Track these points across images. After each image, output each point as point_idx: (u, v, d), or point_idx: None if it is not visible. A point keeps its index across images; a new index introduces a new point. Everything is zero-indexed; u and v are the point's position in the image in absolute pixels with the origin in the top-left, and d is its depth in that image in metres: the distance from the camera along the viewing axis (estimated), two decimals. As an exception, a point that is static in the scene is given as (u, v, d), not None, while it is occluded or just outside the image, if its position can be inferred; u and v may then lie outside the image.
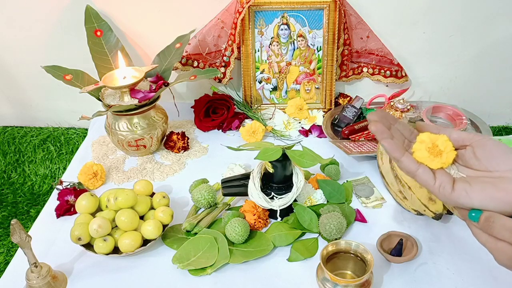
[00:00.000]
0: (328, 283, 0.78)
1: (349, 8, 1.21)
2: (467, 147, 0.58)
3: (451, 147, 0.58)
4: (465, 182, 0.55)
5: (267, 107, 1.30)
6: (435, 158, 0.57)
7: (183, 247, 0.88)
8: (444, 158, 0.57)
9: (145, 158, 1.16)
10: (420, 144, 0.57)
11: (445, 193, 0.55)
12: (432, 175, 0.56)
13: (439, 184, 0.55)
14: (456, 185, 0.55)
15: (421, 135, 0.58)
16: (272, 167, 0.90)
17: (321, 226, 0.90)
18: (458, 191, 0.55)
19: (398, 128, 0.60)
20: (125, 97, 1.09)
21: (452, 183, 0.55)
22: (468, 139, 0.58)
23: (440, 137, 0.58)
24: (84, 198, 0.92)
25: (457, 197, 0.55)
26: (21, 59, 1.35)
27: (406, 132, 0.60)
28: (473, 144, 0.57)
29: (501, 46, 1.27)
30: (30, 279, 0.80)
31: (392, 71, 1.29)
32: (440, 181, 0.56)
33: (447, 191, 0.55)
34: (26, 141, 1.45)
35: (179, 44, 1.15)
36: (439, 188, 0.55)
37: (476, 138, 0.57)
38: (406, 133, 0.60)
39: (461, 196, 0.54)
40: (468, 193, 0.54)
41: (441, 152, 0.57)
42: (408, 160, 0.57)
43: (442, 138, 0.58)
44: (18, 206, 1.37)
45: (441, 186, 0.55)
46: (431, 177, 0.56)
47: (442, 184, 0.55)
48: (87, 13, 1.18)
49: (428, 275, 0.84)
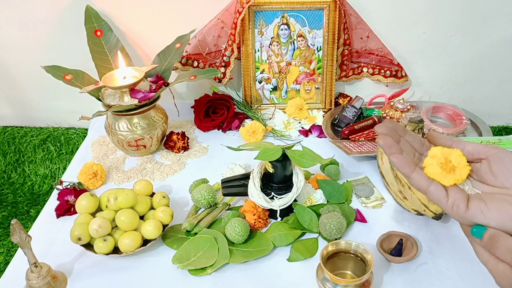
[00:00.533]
0: (328, 283, 0.78)
1: (349, 8, 1.21)
2: (483, 160, 0.54)
3: (465, 162, 0.54)
4: (480, 200, 0.52)
5: (267, 107, 1.30)
6: (448, 174, 0.53)
7: (183, 247, 0.88)
8: (458, 175, 0.53)
9: (145, 158, 1.16)
10: (432, 159, 0.54)
11: (459, 212, 0.52)
12: (445, 192, 0.53)
13: (452, 202, 0.52)
14: (470, 204, 0.52)
15: (433, 149, 0.54)
16: (272, 167, 0.90)
17: (321, 226, 0.90)
18: (473, 210, 0.51)
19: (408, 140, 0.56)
20: (125, 97, 1.09)
21: (466, 201, 0.52)
22: (484, 152, 0.54)
23: (454, 151, 0.54)
24: (84, 198, 0.92)
25: (472, 217, 0.51)
26: (21, 59, 1.35)
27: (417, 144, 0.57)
28: (489, 158, 0.54)
29: (501, 46, 1.27)
30: (30, 279, 0.80)
31: (392, 71, 1.29)
32: (453, 199, 0.52)
33: (461, 210, 0.51)
34: (26, 141, 1.45)
35: (179, 44, 1.15)
36: (452, 206, 0.52)
37: (492, 151, 0.54)
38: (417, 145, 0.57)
39: (476, 215, 0.51)
40: (484, 213, 0.51)
41: (455, 168, 0.53)
42: (419, 177, 0.53)
43: (455, 152, 0.54)
44: (18, 206, 1.37)
45: (455, 205, 0.52)
46: (444, 195, 0.52)
47: (455, 203, 0.52)
48: (87, 13, 1.18)
49: (428, 275, 0.84)
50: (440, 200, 0.53)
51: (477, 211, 0.51)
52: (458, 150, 0.54)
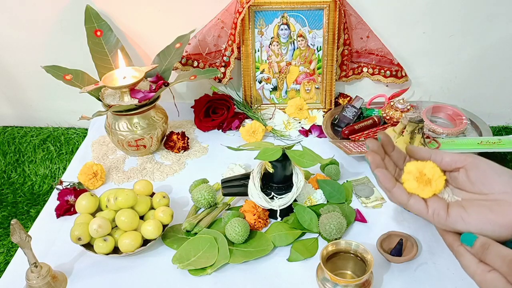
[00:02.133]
0: (328, 283, 0.78)
1: (349, 8, 1.21)
2: (460, 169, 0.57)
3: (440, 172, 0.57)
4: (460, 207, 0.54)
5: (267, 107, 1.30)
6: (425, 187, 0.56)
7: (183, 247, 0.88)
8: (434, 186, 0.56)
9: (145, 158, 1.16)
10: (408, 174, 0.57)
11: (440, 219, 0.54)
12: (424, 204, 0.56)
13: (432, 211, 0.55)
14: (450, 211, 0.54)
15: (408, 165, 0.58)
16: (272, 167, 0.90)
17: (321, 226, 0.90)
18: (453, 217, 0.54)
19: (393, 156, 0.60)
20: (125, 97, 1.09)
21: (446, 208, 0.55)
22: (461, 161, 0.57)
23: (427, 164, 0.57)
24: (84, 198, 0.92)
25: (453, 223, 0.54)
26: (21, 59, 1.35)
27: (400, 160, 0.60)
28: (466, 167, 0.57)
29: (501, 46, 1.27)
30: (30, 279, 0.80)
31: (392, 71, 1.29)
32: (432, 208, 0.55)
33: (442, 218, 0.54)
34: (26, 141, 1.45)
35: (179, 44, 1.15)
36: (433, 215, 0.55)
37: (468, 160, 0.57)
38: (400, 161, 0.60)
39: (457, 222, 0.54)
40: (464, 219, 0.53)
41: (430, 180, 0.56)
42: (399, 191, 0.56)
43: (428, 165, 0.57)
44: (18, 206, 1.37)
45: (435, 213, 0.55)
46: (423, 206, 0.55)
47: (435, 212, 0.55)
48: (87, 13, 1.18)
49: (428, 275, 0.84)
50: (421, 212, 0.55)
51: (457, 217, 0.53)
52: (431, 162, 0.57)
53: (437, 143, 1.13)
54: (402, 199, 0.56)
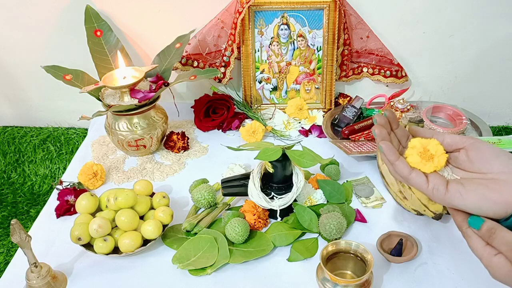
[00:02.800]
0: (328, 283, 0.78)
1: (349, 8, 1.21)
2: (461, 150, 0.59)
3: (442, 150, 0.59)
4: (458, 184, 0.56)
5: (267, 107, 1.30)
6: (427, 162, 0.58)
7: (183, 247, 0.88)
8: (436, 162, 0.58)
9: (145, 158, 1.16)
10: (412, 149, 0.59)
11: (439, 194, 0.56)
12: (425, 179, 0.57)
13: (432, 186, 0.57)
14: (449, 186, 0.56)
15: (412, 140, 0.60)
16: (272, 167, 0.90)
17: (321, 226, 0.90)
18: (452, 192, 0.56)
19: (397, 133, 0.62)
20: (125, 97, 1.09)
21: (445, 184, 0.57)
22: (462, 142, 0.59)
23: (431, 141, 0.59)
24: (84, 198, 0.92)
25: (451, 198, 0.56)
26: (21, 59, 1.35)
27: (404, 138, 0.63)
28: (466, 147, 0.59)
29: (501, 46, 1.27)
30: (30, 279, 0.80)
31: (392, 71, 1.29)
32: (433, 183, 0.57)
33: (441, 193, 0.56)
34: (26, 141, 1.45)
35: (179, 44, 1.15)
36: (433, 190, 0.57)
37: (469, 141, 0.59)
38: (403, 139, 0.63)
39: (455, 197, 0.55)
40: (462, 194, 0.55)
41: (433, 156, 0.58)
42: (402, 164, 0.58)
43: (432, 142, 0.59)
44: (18, 206, 1.37)
45: (435, 189, 0.57)
46: (424, 180, 0.57)
47: (435, 187, 0.57)
48: (87, 13, 1.18)
49: (428, 275, 0.84)
50: (421, 186, 0.57)
51: (456, 193, 0.55)
52: (435, 140, 0.60)
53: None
54: (404, 172, 0.58)
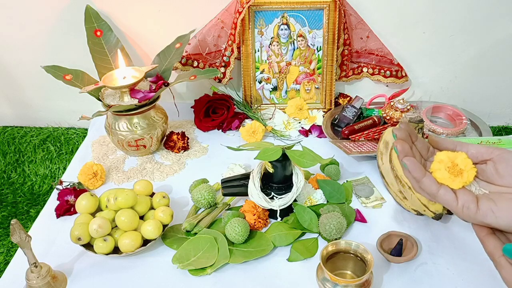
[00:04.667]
0: (328, 283, 0.78)
1: (349, 8, 1.21)
2: (488, 161, 0.56)
3: (471, 164, 0.55)
4: (490, 200, 0.53)
5: (267, 107, 1.30)
6: (456, 177, 0.54)
7: (183, 247, 0.88)
8: (465, 177, 0.55)
9: (145, 158, 1.16)
10: (439, 163, 0.55)
11: (470, 213, 0.52)
12: (454, 196, 0.54)
13: (462, 204, 0.53)
14: (480, 204, 0.53)
15: (439, 154, 0.56)
16: (272, 167, 0.90)
17: (321, 226, 0.90)
18: (484, 210, 0.52)
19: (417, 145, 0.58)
20: (125, 97, 1.09)
21: (475, 202, 0.53)
22: (488, 153, 0.56)
23: (459, 155, 0.56)
24: (84, 198, 0.92)
25: (483, 217, 0.52)
26: (21, 59, 1.35)
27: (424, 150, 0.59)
28: (494, 159, 0.55)
29: (501, 46, 1.27)
30: (30, 279, 0.80)
31: (392, 71, 1.29)
32: (463, 201, 0.53)
33: (472, 211, 0.52)
34: (26, 141, 1.45)
35: (179, 44, 1.15)
36: (463, 208, 0.53)
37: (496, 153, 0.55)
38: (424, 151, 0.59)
39: (487, 215, 0.52)
40: (495, 212, 0.52)
41: (462, 171, 0.55)
42: (429, 181, 0.54)
43: (461, 156, 0.56)
44: (18, 206, 1.37)
45: (465, 206, 0.53)
46: (453, 198, 0.53)
47: (465, 204, 0.53)
48: (87, 13, 1.18)
49: (428, 275, 0.84)
50: (450, 203, 0.53)
51: (488, 211, 0.52)
52: (463, 153, 0.56)
53: (437, 143, 1.13)
54: (431, 189, 0.54)
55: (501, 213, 0.51)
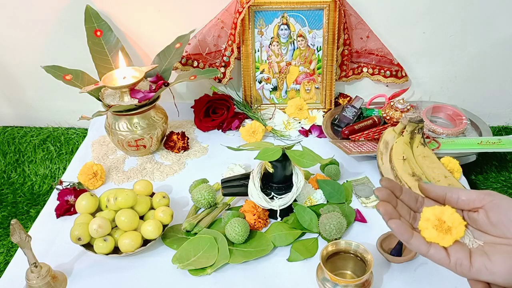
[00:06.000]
0: (328, 283, 0.78)
1: (349, 8, 1.21)
2: (479, 209, 0.53)
3: (460, 219, 0.53)
4: (483, 255, 0.50)
5: (267, 107, 1.30)
6: (445, 235, 0.52)
7: (183, 247, 0.88)
8: (455, 234, 0.52)
9: (145, 158, 1.16)
10: (426, 222, 0.53)
11: (463, 270, 0.50)
12: (445, 254, 0.51)
13: (454, 262, 0.51)
14: (473, 260, 0.50)
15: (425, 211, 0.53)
16: (272, 167, 0.90)
17: (321, 226, 0.90)
18: (477, 267, 0.50)
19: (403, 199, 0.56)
20: (125, 97, 1.09)
21: (468, 257, 0.50)
22: (479, 200, 0.52)
23: (446, 210, 0.53)
24: (84, 198, 0.92)
25: (478, 274, 0.50)
26: (21, 59, 1.35)
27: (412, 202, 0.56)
28: (485, 207, 0.52)
29: (501, 46, 1.27)
30: (30, 279, 0.80)
31: (392, 71, 1.29)
32: (455, 258, 0.51)
33: (465, 268, 0.50)
34: (26, 141, 1.45)
35: (179, 44, 1.15)
36: (456, 266, 0.51)
37: (487, 199, 0.52)
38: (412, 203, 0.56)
39: (481, 272, 0.50)
40: (488, 268, 0.49)
41: (450, 228, 0.52)
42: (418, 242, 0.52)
43: (447, 211, 0.53)
44: (18, 206, 1.37)
45: (457, 264, 0.51)
46: (445, 256, 0.51)
47: (458, 262, 0.51)
48: (87, 13, 1.18)
49: (428, 275, 0.84)
50: (442, 262, 0.51)
51: (482, 268, 0.50)
52: (450, 208, 0.53)
53: (437, 143, 1.13)
54: (421, 249, 0.52)
55: (496, 269, 0.49)
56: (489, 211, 0.51)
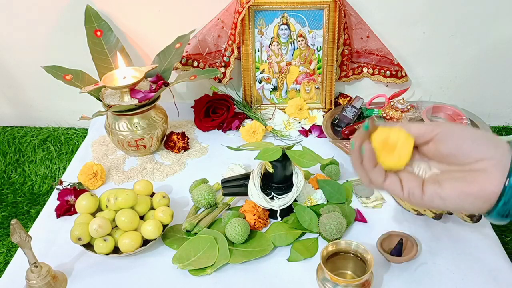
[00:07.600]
0: (328, 283, 0.78)
1: (349, 8, 1.21)
2: (430, 142, 0.52)
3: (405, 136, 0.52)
4: (435, 183, 0.51)
5: (267, 107, 1.30)
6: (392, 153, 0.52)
7: (183, 247, 0.88)
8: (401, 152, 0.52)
9: (145, 158, 1.16)
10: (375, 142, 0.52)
11: (416, 199, 0.51)
12: (399, 185, 0.52)
13: (407, 191, 0.52)
14: (425, 188, 0.51)
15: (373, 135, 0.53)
16: (272, 167, 0.90)
17: (321, 226, 0.90)
18: (429, 195, 0.50)
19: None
20: (125, 97, 1.09)
21: (421, 186, 0.51)
22: (428, 132, 0.52)
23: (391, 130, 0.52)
24: (84, 198, 0.92)
25: (429, 201, 0.51)
26: (21, 59, 1.35)
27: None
28: (434, 140, 0.52)
29: (501, 46, 1.27)
30: (30, 279, 0.80)
31: (392, 71, 1.29)
32: (407, 188, 0.52)
33: (417, 197, 0.51)
34: (26, 141, 1.45)
35: (179, 44, 1.15)
36: (409, 195, 0.51)
37: (436, 131, 0.52)
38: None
39: (433, 199, 0.50)
40: (440, 195, 0.50)
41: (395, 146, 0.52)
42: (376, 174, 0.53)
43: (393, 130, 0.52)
44: (18, 206, 1.37)
45: (410, 193, 0.51)
46: (399, 187, 0.52)
47: (410, 191, 0.51)
48: (87, 13, 1.18)
49: (428, 275, 0.84)
50: (397, 192, 0.53)
51: (433, 195, 0.50)
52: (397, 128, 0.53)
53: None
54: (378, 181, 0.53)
55: (447, 195, 0.49)
56: (438, 144, 0.52)
